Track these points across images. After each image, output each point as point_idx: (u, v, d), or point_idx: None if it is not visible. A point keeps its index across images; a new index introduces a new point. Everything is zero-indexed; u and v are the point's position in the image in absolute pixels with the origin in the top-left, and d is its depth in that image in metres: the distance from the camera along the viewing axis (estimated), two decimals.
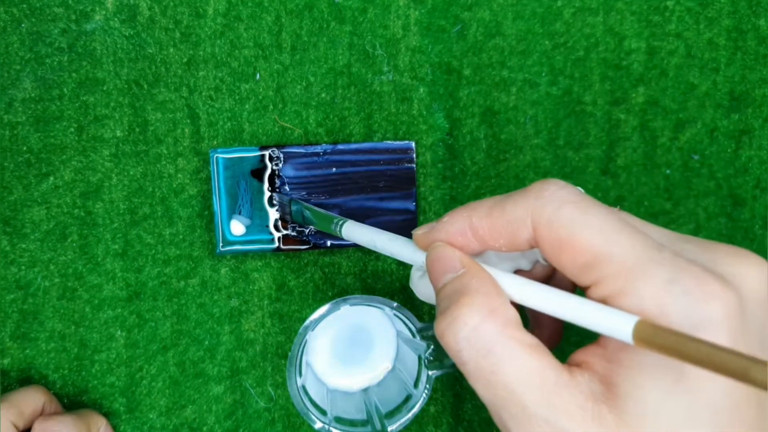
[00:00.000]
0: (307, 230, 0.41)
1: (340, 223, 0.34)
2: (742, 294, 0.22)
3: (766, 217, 0.42)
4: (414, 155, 0.41)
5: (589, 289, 0.24)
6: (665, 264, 0.22)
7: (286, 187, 0.41)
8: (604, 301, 0.23)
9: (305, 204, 0.39)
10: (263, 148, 0.41)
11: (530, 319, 0.33)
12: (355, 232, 0.34)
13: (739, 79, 0.42)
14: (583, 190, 0.27)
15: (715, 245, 0.24)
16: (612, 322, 0.22)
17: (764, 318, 0.23)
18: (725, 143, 0.42)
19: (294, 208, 0.39)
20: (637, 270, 0.22)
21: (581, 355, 0.25)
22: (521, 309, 0.26)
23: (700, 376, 0.22)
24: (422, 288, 0.30)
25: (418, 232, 0.28)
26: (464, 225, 0.26)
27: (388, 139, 0.42)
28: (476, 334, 0.24)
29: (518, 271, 0.28)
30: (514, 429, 0.23)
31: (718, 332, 0.21)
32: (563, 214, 0.24)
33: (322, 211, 0.38)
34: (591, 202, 0.24)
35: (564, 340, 0.32)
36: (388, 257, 0.42)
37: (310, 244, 0.41)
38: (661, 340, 0.20)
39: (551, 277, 0.29)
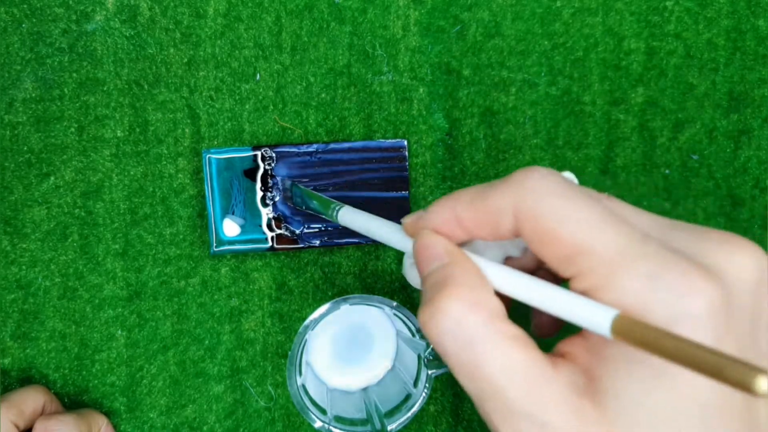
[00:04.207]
0: (300, 230, 0.41)
1: (337, 208, 0.35)
2: (731, 286, 0.22)
3: (765, 217, 0.42)
4: (406, 153, 0.41)
5: (571, 280, 0.23)
6: (648, 257, 0.22)
7: (280, 186, 0.41)
8: (585, 294, 0.23)
9: (305, 189, 0.39)
10: (256, 148, 0.41)
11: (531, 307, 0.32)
12: (349, 217, 0.34)
13: (738, 80, 0.42)
14: (572, 175, 0.26)
15: (708, 233, 0.23)
16: (591, 315, 0.22)
17: (756, 309, 0.23)
18: (724, 143, 0.42)
19: (295, 191, 0.39)
20: (618, 263, 0.22)
21: (565, 345, 0.24)
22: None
23: (684, 371, 0.21)
24: (413, 276, 0.29)
25: (406, 220, 0.28)
26: (449, 215, 0.26)
27: (387, 139, 0.42)
28: (459, 326, 0.23)
29: (508, 259, 0.28)
30: (497, 422, 0.23)
31: (700, 328, 0.21)
32: (544, 205, 0.23)
33: (322, 195, 0.38)
34: (574, 191, 0.24)
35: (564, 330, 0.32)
36: (387, 258, 0.42)
37: (303, 244, 0.41)
38: (640, 335, 0.20)
39: (543, 264, 0.28)
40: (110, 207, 0.42)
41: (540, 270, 0.29)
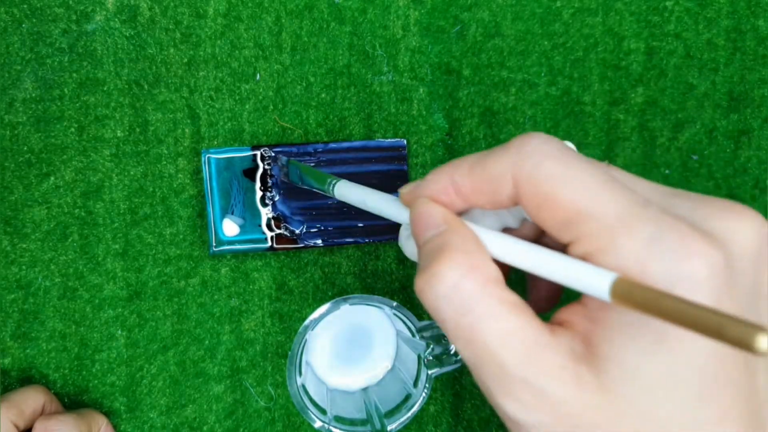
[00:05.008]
0: (300, 230, 0.41)
1: (333, 182, 0.34)
2: (732, 251, 0.21)
3: (765, 216, 0.42)
4: (405, 153, 0.41)
5: (569, 246, 0.23)
6: (649, 221, 0.21)
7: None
8: (584, 259, 0.22)
9: (301, 164, 0.39)
10: (255, 147, 0.41)
11: (527, 281, 0.32)
12: (346, 191, 0.33)
13: (738, 80, 0.42)
14: (572, 145, 0.26)
15: (709, 200, 0.23)
16: (589, 279, 0.21)
17: (756, 276, 0.22)
18: (724, 143, 0.42)
19: (291, 168, 0.39)
20: (618, 227, 0.21)
21: (564, 313, 0.24)
22: (521, 271, 0.26)
23: (683, 336, 0.21)
24: (409, 247, 0.29)
25: (404, 190, 0.27)
26: (446, 183, 0.25)
27: (387, 139, 0.42)
28: (455, 291, 0.23)
29: (506, 230, 0.28)
30: (493, 389, 0.23)
31: (700, 290, 0.20)
32: (544, 169, 0.23)
33: (317, 170, 0.38)
34: (575, 156, 0.23)
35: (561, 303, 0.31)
36: (387, 258, 0.42)
37: (303, 244, 0.41)
38: (639, 297, 0.19)
39: (541, 235, 0.28)
40: (110, 207, 0.42)
41: (538, 241, 0.28)
